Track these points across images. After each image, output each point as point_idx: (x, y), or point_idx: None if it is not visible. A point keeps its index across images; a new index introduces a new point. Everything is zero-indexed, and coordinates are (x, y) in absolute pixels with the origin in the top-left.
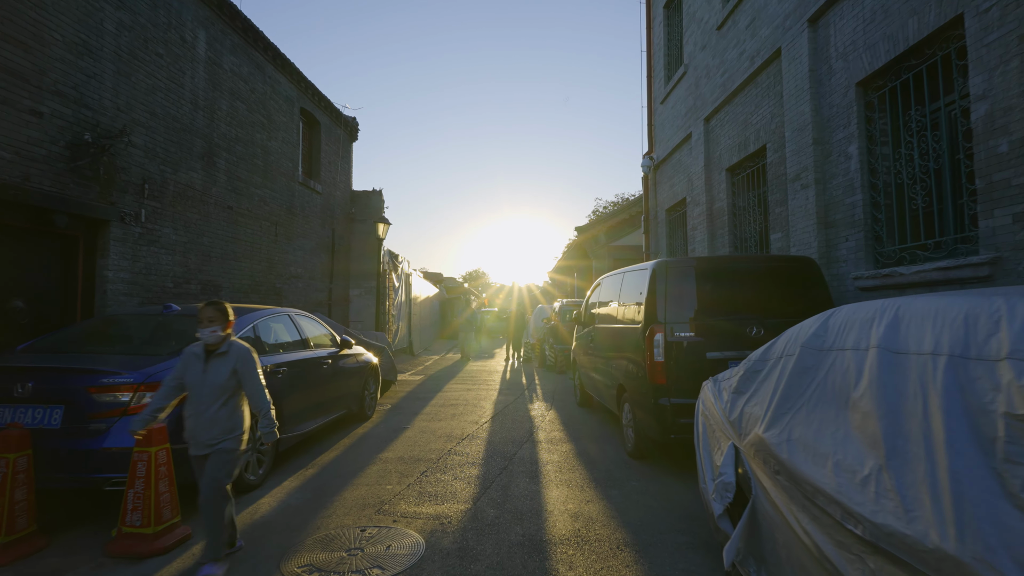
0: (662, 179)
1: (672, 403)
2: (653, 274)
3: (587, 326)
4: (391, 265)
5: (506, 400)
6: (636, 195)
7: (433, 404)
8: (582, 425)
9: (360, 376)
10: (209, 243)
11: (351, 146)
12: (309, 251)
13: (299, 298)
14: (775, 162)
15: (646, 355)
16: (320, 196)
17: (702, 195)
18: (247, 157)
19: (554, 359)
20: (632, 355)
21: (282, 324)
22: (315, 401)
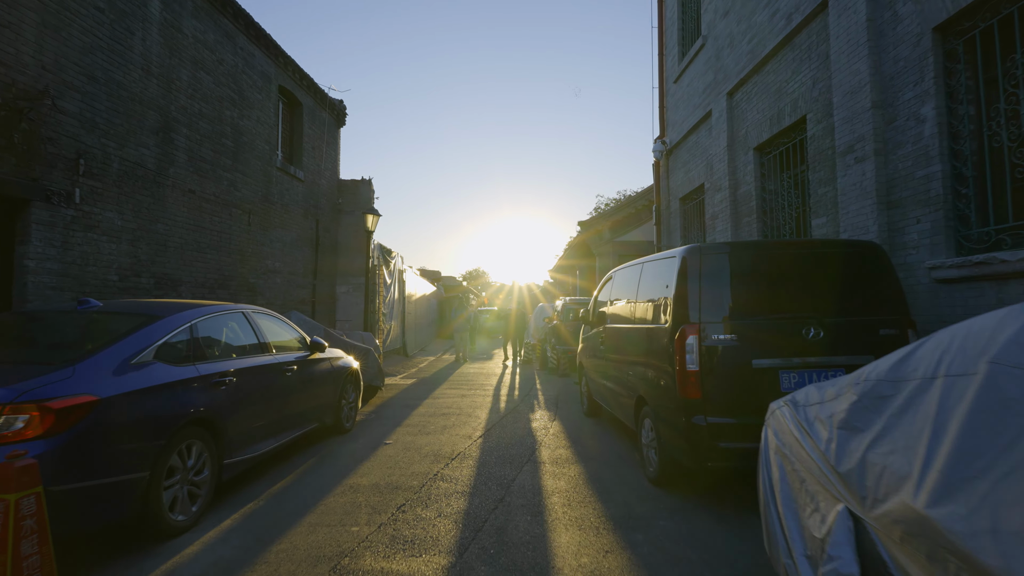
0: (675, 165)
1: (709, 423)
2: (683, 264)
3: (596, 326)
4: (382, 260)
5: (504, 408)
6: (638, 191)
7: (422, 413)
8: (591, 440)
9: (335, 383)
10: (165, 231)
11: (338, 132)
12: (290, 244)
13: (278, 295)
14: (818, 135)
15: (675, 362)
16: (302, 184)
17: (724, 179)
18: (213, 136)
19: (556, 361)
20: (655, 361)
21: (234, 323)
22: (274, 416)
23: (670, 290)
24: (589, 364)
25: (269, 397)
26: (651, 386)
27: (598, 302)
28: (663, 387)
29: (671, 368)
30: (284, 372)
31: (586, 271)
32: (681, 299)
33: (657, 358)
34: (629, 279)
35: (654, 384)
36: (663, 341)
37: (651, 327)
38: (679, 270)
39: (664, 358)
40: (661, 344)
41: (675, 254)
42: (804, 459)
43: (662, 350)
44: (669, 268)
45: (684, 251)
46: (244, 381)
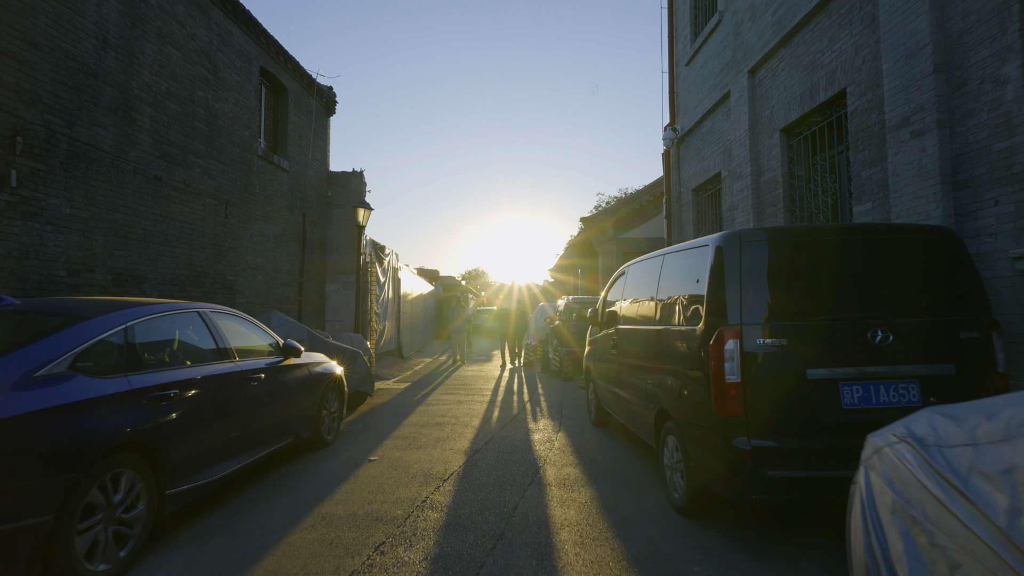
0: (688, 153)
1: (754, 446)
2: (718, 255)
3: (605, 328)
4: (375, 257)
5: (504, 416)
6: (640, 188)
7: (413, 423)
8: (602, 455)
9: (314, 392)
10: (126, 221)
11: (327, 121)
12: (273, 238)
13: (260, 294)
14: (861, 109)
15: (710, 372)
16: (287, 175)
17: (745, 166)
18: (183, 118)
19: (559, 364)
20: (683, 369)
21: (187, 326)
22: (236, 433)
23: (701, 286)
24: (597, 369)
25: (229, 411)
26: (677, 398)
27: (607, 301)
28: (693, 401)
29: (705, 379)
30: (249, 381)
31: (588, 270)
32: (716, 297)
33: (686, 366)
34: (647, 275)
35: (681, 396)
36: (694, 346)
37: (677, 330)
38: (713, 262)
39: (695, 366)
40: (691, 350)
41: (707, 242)
42: (959, 534)
43: (692, 357)
44: (699, 260)
45: (719, 239)
46: (195, 394)
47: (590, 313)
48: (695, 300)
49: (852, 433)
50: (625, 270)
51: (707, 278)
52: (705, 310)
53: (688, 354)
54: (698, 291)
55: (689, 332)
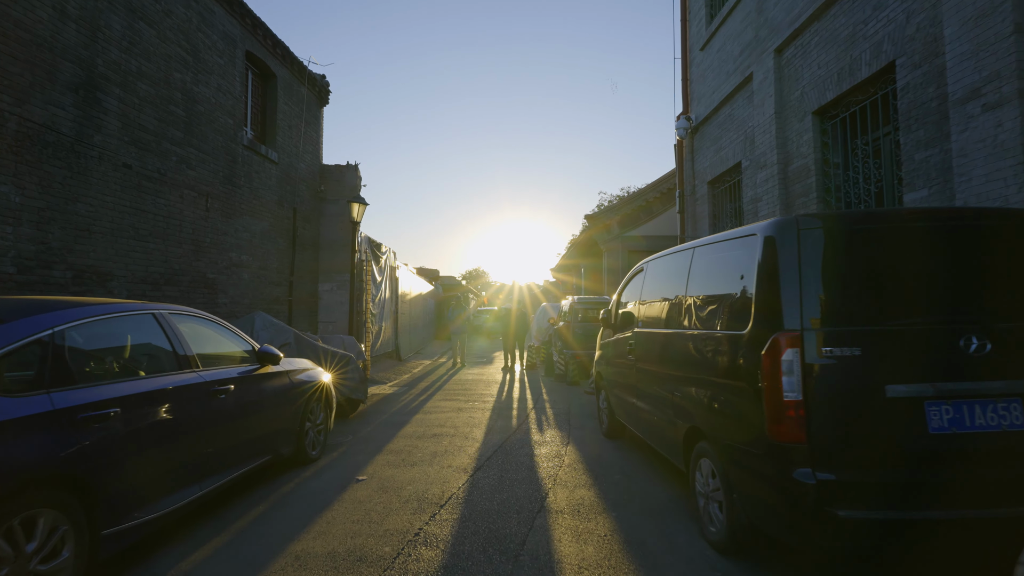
0: (703, 144)
1: (820, 480)
2: (769, 245)
3: (620, 330)
4: (371, 255)
5: (507, 426)
6: (645, 186)
7: (409, 434)
8: (618, 474)
9: (296, 403)
10: (88, 212)
11: (320, 111)
12: (260, 234)
13: (245, 293)
14: (915, 84)
15: (762, 387)
16: (277, 167)
17: (770, 153)
18: (157, 101)
19: (564, 367)
20: (724, 381)
21: (139, 330)
22: (196, 455)
23: (747, 283)
24: (610, 376)
25: (187, 431)
26: (715, 415)
27: (622, 302)
28: (738, 420)
29: (754, 395)
30: (214, 395)
31: (591, 270)
32: (769, 296)
33: (727, 377)
34: (672, 271)
35: (720, 414)
36: (739, 356)
37: (716, 335)
38: (763, 255)
39: (740, 379)
40: (735, 359)
41: (755, 231)
42: None
43: (737, 368)
44: (744, 253)
45: (770, 227)
46: (142, 412)
47: (602, 315)
48: (738, 300)
49: (941, 463)
50: (644, 267)
51: (755, 274)
52: (754, 312)
53: (731, 364)
54: (742, 289)
55: (732, 338)
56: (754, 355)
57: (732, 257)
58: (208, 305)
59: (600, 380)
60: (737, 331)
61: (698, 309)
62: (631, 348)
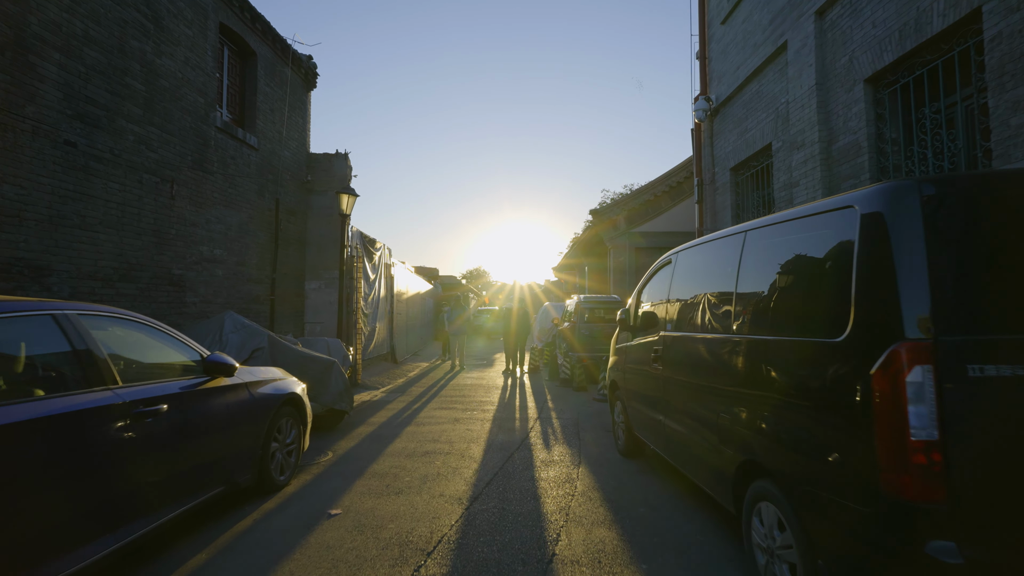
0: (724, 127)
1: (970, 559)
2: (875, 222)
3: (642, 333)
4: (363, 251)
5: (509, 441)
6: (653, 179)
7: (397, 451)
8: (644, 507)
9: (259, 421)
10: (18, 196)
11: (307, 96)
12: (237, 227)
13: (218, 291)
14: (1009, 32)
15: (876, 420)
16: (256, 153)
17: (810, 131)
18: (110, 72)
19: (570, 371)
20: (802, 403)
21: (32, 335)
22: (103, 500)
23: (841, 273)
24: (629, 386)
25: (93, 466)
26: (786, 449)
27: (644, 300)
28: (827, 460)
29: (857, 428)
30: (137, 417)
31: (595, 269)
32: (880, 291)
33: (809, 399)
34: (715, 261)
35: (797, 448)
36: (831, 371)
37: (788, 342)
38: (868, 234)
39: (832, 404)
40: (822, 376)
41: (851, 202)
42: None
43: (827, 388)
44: (832, 233)
45: (876, 195)
46: (18, 448)
47: (620, 315)
48: (824, 297)
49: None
50: (672, 259)
51: (854, 261)
52: (855, 314)
53: (814, 382)
54: (831, 283)
55: (818, 348)
56: (856, 372)
57: (811, 240)
58: (174, 305)
59: (615, 390)
60: (826, 338)
61: (756, 309)
62: (657, 355)
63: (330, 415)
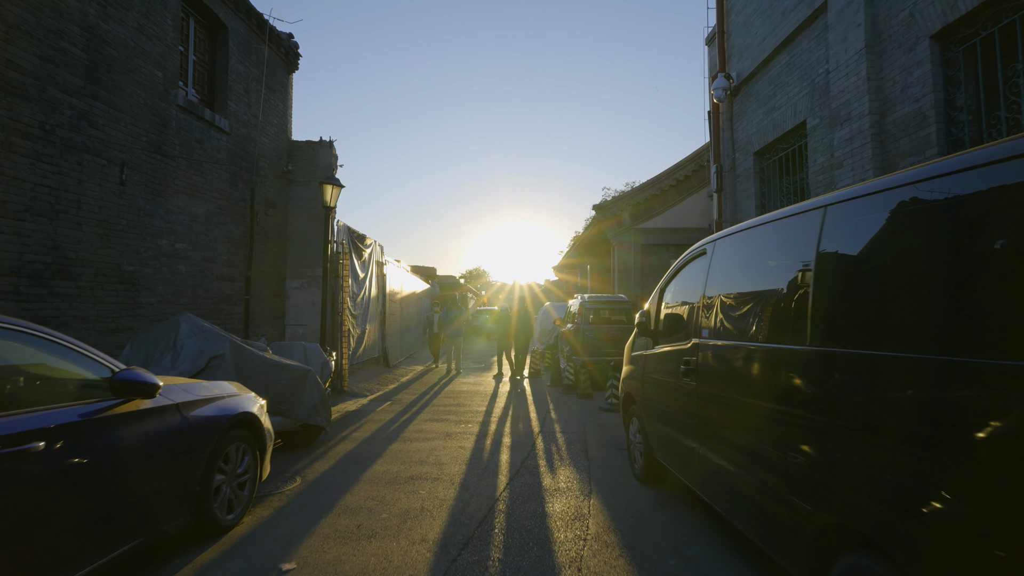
0: (747, 106)
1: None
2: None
3: (667, 339)
4: (351, 247)
5: (507, 462)
6: (659, 173)
7: (376, 477)
8: (678, 561)
9: (195, 451)
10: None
11: (288, 78)
12: (203, 218)
13: (181, 290)
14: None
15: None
16: (228, 137)
17: (858, 102)
18: (39, 33)
19: (574, 377)
20: (942, 453)
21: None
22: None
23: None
24: (651, 401)
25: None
26: (909, 518)
27: (669, 300)
28: (989, 544)
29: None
30: (4, 460)
31: (597, 269)
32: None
33: (958, 451)
34: (777, 248)
35: (935, 521)
36: (1013, 411)
37: (925, 362)
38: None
39: (1010, 463)
40: (991, 417)
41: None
42: None
43: (1002, 438)
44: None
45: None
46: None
47: (639, 317)
48: (982, 299)
49: None
50: (708, 248)
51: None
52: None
53: (978, 425)
54: (993, 278)
55: (978, 374)
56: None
57: (958, 211)
58: (125, 305)
59: (630, 404)
60: (995, 359)
61: (854, 313)
62: (689, 367)
63: (305, 431)
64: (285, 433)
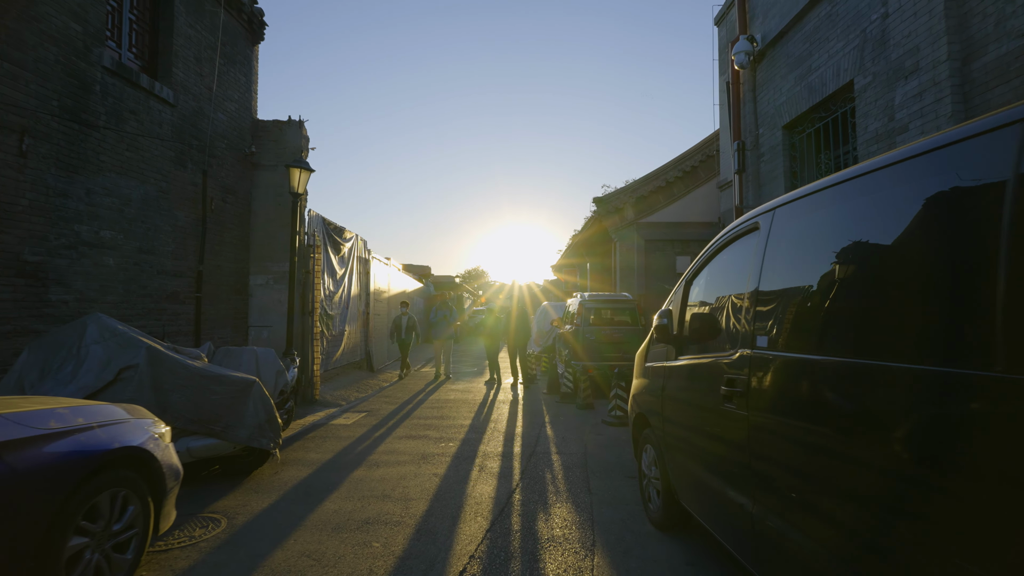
0: (773, 73)
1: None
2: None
3: (694, 348)
4: (325, 240)
5: (490, 497)
6: (664, 163)
7: (322, 521)
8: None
9: (18, 515)
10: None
11: (252, 50)
12: (140, 202)
13: (109, 287)
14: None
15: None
16: (173, 110)
17: (929, 48)
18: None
19: (573, 384)
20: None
21: None
22: None
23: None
24: (674, 427)
25: None
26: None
27: (699, 299)
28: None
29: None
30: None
31: (597, 269)
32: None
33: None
34: (900, 207)
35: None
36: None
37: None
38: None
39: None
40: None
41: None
42: None
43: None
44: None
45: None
46: None
47: (658, 320)
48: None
49: None
50: (762, 221)
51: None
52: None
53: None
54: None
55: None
56: None
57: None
58: (27, 304)
59: (642, 427)
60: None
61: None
62: (736, 389)
63: (249, 455)
64: (222, 458)
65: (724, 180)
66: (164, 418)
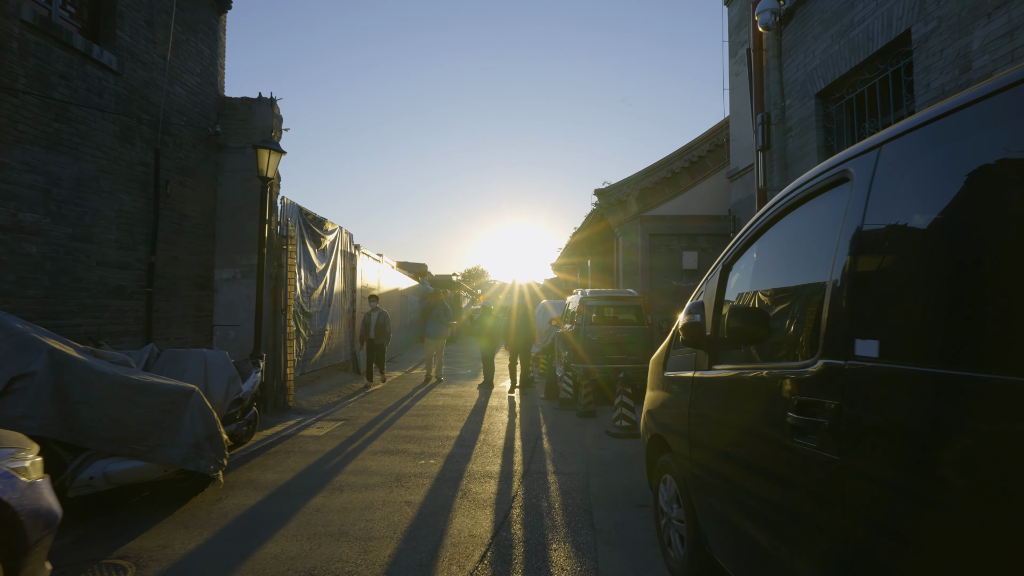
0: (803, 34)
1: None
2: None
3: (733, 354)
4: (302, 231)
5: (469, 534)
6: (670, 153)
7: (254, 572)
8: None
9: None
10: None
11: (219, 19)
12: (74, 182)
13: (32, 278)
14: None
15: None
16: (118, 79)
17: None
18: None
19: (573, 389)
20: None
21: None
22: None
23: None
24: (707, 460)
25: None
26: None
27: (740, 286)
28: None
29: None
30: None
31: (599, 268)
32: None
33: None
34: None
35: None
36: None
37: None
38: None
39: None
40: None
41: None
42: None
43: None
44: None
45: None
46: None
47: (683, 320)
48: None
49: None
50: (852, 169)
51: None
52: None
53: None
54: None
55: None
56: None
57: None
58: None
59: (660, 452)
60: None
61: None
62: (817, 418)
63: (186, 479)
64: (160, 482)
65: (735, 169)
66: (72, 437)
